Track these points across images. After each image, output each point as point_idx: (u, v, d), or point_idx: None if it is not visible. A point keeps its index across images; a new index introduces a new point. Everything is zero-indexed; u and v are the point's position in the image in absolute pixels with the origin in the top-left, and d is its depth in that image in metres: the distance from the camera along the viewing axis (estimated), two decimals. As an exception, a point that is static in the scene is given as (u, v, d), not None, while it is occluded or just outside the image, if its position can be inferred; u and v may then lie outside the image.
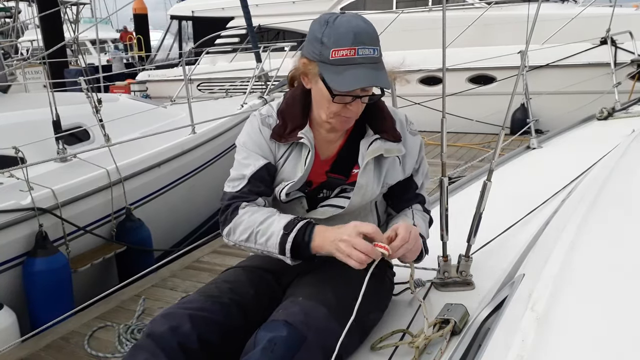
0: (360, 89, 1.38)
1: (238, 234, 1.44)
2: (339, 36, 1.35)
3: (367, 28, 1.37)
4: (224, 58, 11.34)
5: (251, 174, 1.48)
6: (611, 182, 1.67)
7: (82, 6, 15.22)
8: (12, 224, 3.44)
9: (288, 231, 1.36)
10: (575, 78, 7.18)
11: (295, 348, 1.21)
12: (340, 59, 1.34)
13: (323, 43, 1.37)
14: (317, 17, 1.43)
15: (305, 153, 1.50)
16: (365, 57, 1.34)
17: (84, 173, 4.08)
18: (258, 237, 1.41)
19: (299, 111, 1.52)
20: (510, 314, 1.09)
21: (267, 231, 1.39)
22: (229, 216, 1.46)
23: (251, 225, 1.42)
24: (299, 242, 1.36)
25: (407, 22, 8.81)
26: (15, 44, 15.28)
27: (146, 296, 3.57)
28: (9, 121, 4.41)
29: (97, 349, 2.97)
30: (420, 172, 1.63)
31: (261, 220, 1.41)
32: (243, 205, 1.46)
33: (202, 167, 5.42)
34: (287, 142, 1.51)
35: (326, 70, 1.37)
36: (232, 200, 1.48)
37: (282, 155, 1.52)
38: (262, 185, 1.50)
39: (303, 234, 1.36)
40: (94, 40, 15.51)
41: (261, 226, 1.40)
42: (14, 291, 3.49)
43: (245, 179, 1.48)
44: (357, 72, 1.34)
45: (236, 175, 1.51)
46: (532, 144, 3.57)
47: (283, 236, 1.36)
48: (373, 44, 1.36)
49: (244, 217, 1.43)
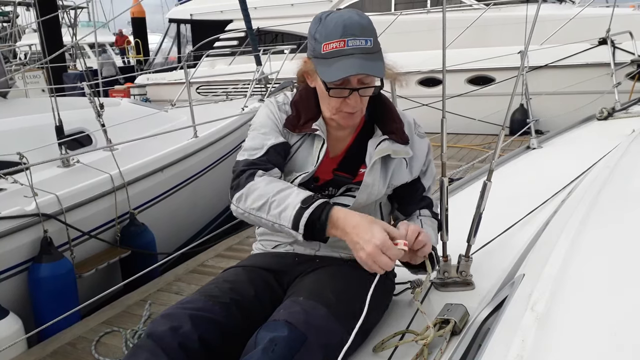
0: (357, 81, 1.39)
1: (250, 201, 1.36)
2: (329, 30, 1.36)
3: (360, 20, 1.36)
4: (223, 61, 11.36)
5: (271, 145, 1.46)
6: (611, 182, 1.67)
7: (80, 10, 15.25)
8: (17, 230, 3.46)
9: (306, 205, 1.28)
10: (575, 78, 7.19)
11: (296, 348, 1.20)
12: (331, 52, 1.35)
13: (316, 39, 1.39)
14: (314, 16, 1.44)
15: (318, 145, 1.50)
16: (356, 47, 1.34)
17: (88, 178, 4.10)
18: (272, 208, 1.32)
19: (313, 104, 1.52)
20: (510, 314, 1.09)
21: (283, 202, 1.31)
22: (242, 181, 1.39)
23: (266, 194, 1.33)
24: (315, 220, 1.28)
25: (405, 24, 8.82)
26: (14, 49, 15.28)
27: (152, 300, 3.58)
28: (12, 127, 4.42)
29: (104, 354, 2.97)
30: (427, 175, 1.63)
31: (278, 189, 1.33)
32: (260, 173, 1.40)
33: (205, 170, 5.44)
34: (300, 133, 1.51)
35: (319, 64, 1.39)
36: (248, 167, 1.42)
37: (293, 144, 1.52)
38: (280, 158, 1.47)
39: (321, 212, 1.28)
40: (92, 44, 15.54)
41: (277, 196, 1.32)
42: (19, 297, 3.51)
43: (264, 148, 1.45)
44: (346, 62, 1.33)
45: (255, 144, 1.47)
46: (532, 144, 3.56)
47: (299, 210, 1.28)
48: (365, 35, 1.35)
49: (259, 184, 1.36)
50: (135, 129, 4.84)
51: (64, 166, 4.26)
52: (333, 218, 1.27)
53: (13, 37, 16.73)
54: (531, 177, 2.97)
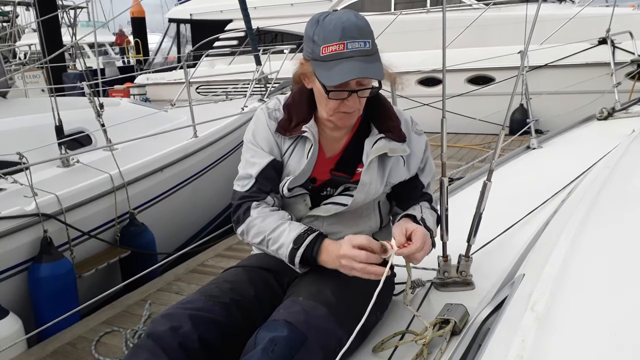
0: (356, 82, 1.39)
1: (251, 236, 1.50)
2: (327, 33, 1.35)
3: (358, 22, 1.36)
4: (223, 61, 11.35)
5: (257, 173, 1.51)
6: (611, 182, 1.68)
7: (80, 10, 15.26)
8: (17, 230, 3.46)
9: (297, 245, 1.41)
10: (575, 78, 7.19)
11: (296, 348, 1.21)
12: (330, 55, 1.35)
13: (314, 42, 1.38)
14: (311, 17, 1.44)
15: (308, 147, 1.51)
16: (356, 50, 1.34)
17: (88, 178, 4.10)
18: (270, 245, 1.46)
19: (305, 106, 1.53)
20: (510, 314, 1.09)
21: (278, 240, 1.44)
22: (241, 217, 1.51)
23: (263, 232, 1.47)
24: (307, 257, 1.41)
25: (405, 24, 8.82)
26: (13, 48, 15.29)
27: (152, 300, 3.58)
28: (11, 127, 4.42)
29: (104, 354, 2.97)
30: (425, 172, 1.63)
31: (272, 228, 1.45)
32: (254, 205, 1.50)
33: (205, 170, 5.43)
34: (292, 136, 1.52)
35: (318, 67, 1.39)
36: (242, 200, 1.52)
37: (287, 149, 1.53)
38: (269, 183, 1.52)
39: (311, 250, 1.41)
40: (92, 43, 15.54)
41: (272, 234, 1.45)
42: (19, 297, 3.51)
43: (252, 179, 1.51)
44: (346, 66, 1.34)
45: (244, 174, 1.54)
46: (532, 144, 3.56)
47: (292, 250, 1.41)
48: (364, 37, 1.35)
49: (255, 222, 1.48)
50: (135, 129, 4.83)
51: (63, 166, 4.26)
52: (322, 254, 1.41)
53: (13, 37, 16.75)
54: (531, 177, 2.97)
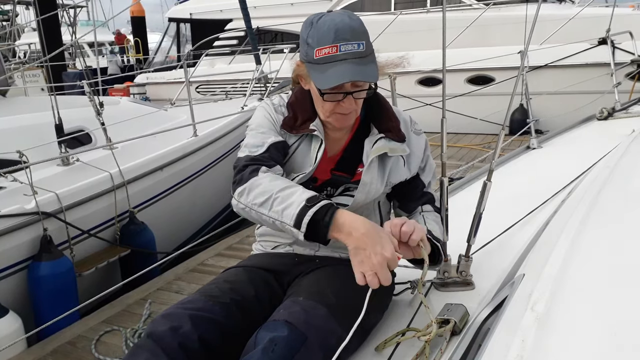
0: (351, 84, 1.38)
1: (253, 196, 1.34)
2: (321, 35, 1.35)
3: (352, 23, 1.35)
4: (222, 60, 11.36)
5: (272, 142, 1.46)
6: (611, 182, 1.68)
7: (79, 9, 15.25)
8: (16, 228, 3.46)
9: (311, 204, 1.25)
10: (575, 78, 7.19)
11: (296, 348, 1.20)
12: (324, 57, 1.34)
13: (308, 44, 1.38)
14: (306, 19, 1.43)
15: (316, 145, 1.50)
16: (349, 52, 1.33)
17: (87, 177, 4.10)
18: (275, 204, 1.29)
19: (309, 105, 1.53)
20: (510, 314, 1.09)
21: (287, 199, 1.28)
22: (245, 176, 1.38)
23: (270, 190, 1.31)
24: (318, 220, 1.24)
25: (405, 24, 8.82)
26: (13, 47, 15.27)
27: (152, 299, 3.58)
28: (11, 125, 4.42)
29: (104, 354, 2.97)
30: (426, 171, 1.63)
31: (283, 187, 1.32)
32: (264, 169, 1.39)
33: (205, 169, 5.44)
34: (298, 134, 1.51)
35: (312, 69, 1.38)
36: (251, 162, 1.41)
37: (291, 145, 1.52)
38: (280, 156, 1.47)
39: (325, 213, 1.25)
40: (92, 43, 15.54)
41: (281, 193, 1.30)
42: (19, 296, 3.51)
43: (265, 146, 1.45)
44: (339, 69, 1.33)
45: (255, 142, 1.47)
46: (532, 144, 3.56)
47: (303, 207, 1.25)
48: (357, 39, 1.34)
49: (263, 180, 1.35)
50: (134, 128, 4.84)
51: (63, 165, 4.26)
52: (338, 221, 1.24)
53: (12, 36, 16.71)
54: (531, 177, 2.97)
